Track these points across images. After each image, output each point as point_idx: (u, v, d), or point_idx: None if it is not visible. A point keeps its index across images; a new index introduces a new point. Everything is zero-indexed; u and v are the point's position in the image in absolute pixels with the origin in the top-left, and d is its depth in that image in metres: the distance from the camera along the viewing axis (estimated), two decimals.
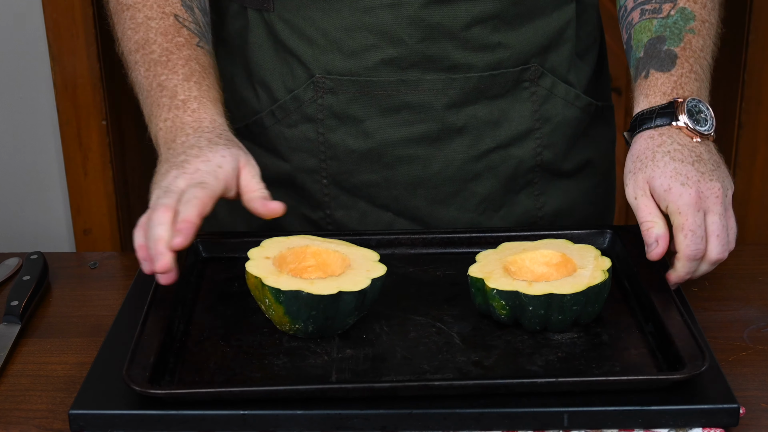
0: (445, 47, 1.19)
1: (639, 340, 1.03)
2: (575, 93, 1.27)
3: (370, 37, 1.18)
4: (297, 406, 0.92)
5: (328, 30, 1.19)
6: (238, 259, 1.14)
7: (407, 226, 1.29)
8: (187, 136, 1.10)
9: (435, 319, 1.06)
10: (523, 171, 1.28)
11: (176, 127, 1.12)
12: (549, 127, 1.26)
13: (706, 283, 1.20)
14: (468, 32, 1.19)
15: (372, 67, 1.20)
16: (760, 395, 1.00)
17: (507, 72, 1.22)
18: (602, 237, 1.20)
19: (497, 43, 1.20)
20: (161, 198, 1.04)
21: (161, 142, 1.13)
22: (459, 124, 1.23)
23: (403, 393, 0.93)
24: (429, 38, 1.18)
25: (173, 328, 1.05)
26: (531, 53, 1.22)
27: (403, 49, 1.19)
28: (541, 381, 0.94)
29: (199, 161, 1.07)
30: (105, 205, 2.09)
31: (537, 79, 1.24)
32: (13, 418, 0.98)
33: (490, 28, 1.19)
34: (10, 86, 2.01)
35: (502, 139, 1.25)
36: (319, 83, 1.22)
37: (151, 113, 1.16)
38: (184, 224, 1.01)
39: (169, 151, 1.10)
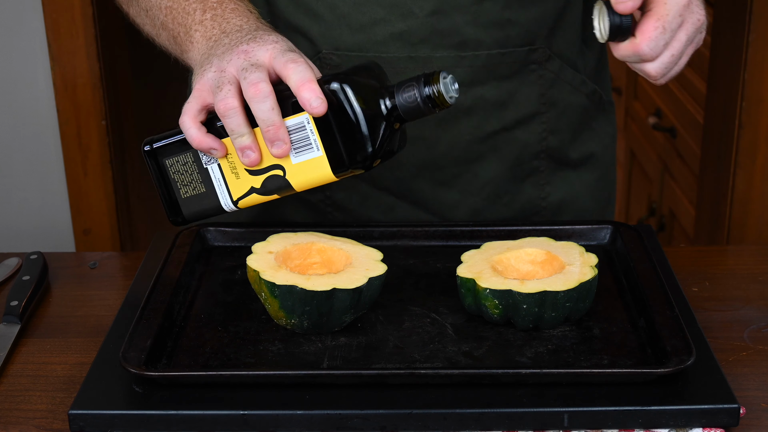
0: (456, 21, 1.18)
1: (631, 334, 1.03)
2: (581, 79, 1.27)
3: (380, 11, 1.17)
4: (297, 406, 0.93)
5: (336, 4, 1.18)
6: (244, 249, 1.17)
7: (409, 209, 1.29)
8: (241, 25, 1.05)
9: (430, 310, 1.07)
10: (528, 156, 1.28)
11: (223, 18, 1.07)
12: (555, 112, 1.27)
13: (706, 283, 1.20)
14: (480, 6, 1.18)
15: (381, 42, 1.18)
16: (760, 395, 1.00)
17: (515, 51, 1.22)
18: (602, 232, 1.21)
19: (507, 19, 1.20)
20: (247, 71, 0.97)
21: (201, 40, 1.07)
22: (466, 104, 1.23)
23: (390, 381, 0.95)
24: (440, 11, 1.17)
25: (173, 313, 1.06)
26: (538, 33, 1.22)
27: (413, 22, 1.18)
28: (525, 372, 0.95)
29: (273, 35, 1.01)
30: (105, 205, 2.09)
31: (544, 62, 1.24)
32: (13, 418, 0.98)
33: (502, 3, 1.19)
34: (11, 86, 2.01)
35: (508, 122, 1.25)
36: (326, 59, 1.21)
37: (177, 27, 1.11)
38: (311, 87, 0.96)
39: (223, 38, 1.03)
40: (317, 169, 1.00)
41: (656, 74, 1.00)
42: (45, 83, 2.01)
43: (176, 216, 1.07)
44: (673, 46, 0.99)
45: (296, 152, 1.00)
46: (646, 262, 1.12)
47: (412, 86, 0.99)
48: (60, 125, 2.03)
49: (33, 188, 2.08)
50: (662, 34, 0.97)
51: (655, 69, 1.00)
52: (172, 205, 1.06)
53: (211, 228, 1.22)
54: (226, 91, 0.97)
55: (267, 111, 0.97)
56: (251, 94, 0.96)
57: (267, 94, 0.96)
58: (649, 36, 0.97)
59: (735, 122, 1.92)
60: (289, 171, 1.01)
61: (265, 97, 0.96)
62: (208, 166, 1.03)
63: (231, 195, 1.04)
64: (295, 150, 1.00)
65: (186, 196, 1.05)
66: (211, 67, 1.00)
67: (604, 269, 1.15)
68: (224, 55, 1.00)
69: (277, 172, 1.01)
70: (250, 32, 1.02)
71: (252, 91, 0.96)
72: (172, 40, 1.12)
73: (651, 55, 0.98)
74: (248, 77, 0.97)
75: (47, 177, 2.08)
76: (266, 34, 1.01)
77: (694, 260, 1.27)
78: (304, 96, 0.96)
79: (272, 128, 0.97)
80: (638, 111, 2.69)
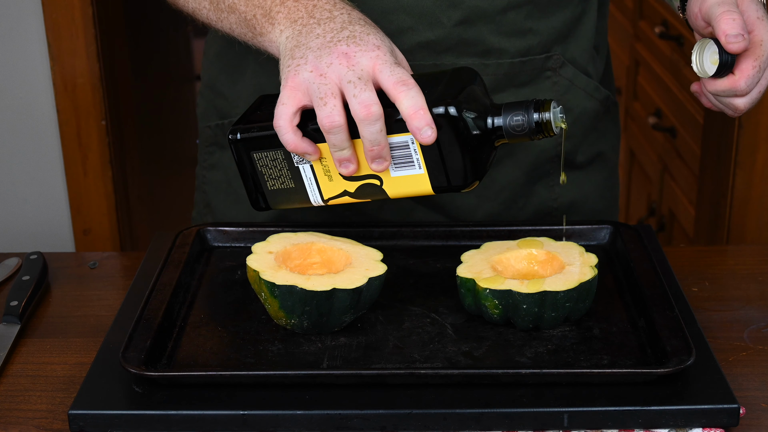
0: (481, 31, 1.19)
1: (631, 334, 1.03)
2: (595, 85, 1.28)
3: (408, 19, 1.18)
4: (297, 406, 0.93)
5: (365, 12, 1.18)
6: (244, 249, 1.17)
7: (427, 213, 1.29)
8: (331, 11, 1.02)
9: (430, 310, 1.07)
10: (543, 161, 1.29)
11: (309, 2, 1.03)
12: (570, 118, 1.27)
13: (706, 283, 1.20)
14: (504, 16, 1.19)
15: (407, 50, 1.18)
16: (760, 395, 1.00)
17: (534, 59, 1.23)
18: (602, 232, 1.21)
19: (528, 29, 1.21)
20: (356, 87, 0.95)
21: (285, 22, 1.03)
22: None
23: (390, 381, 0.95)
24: (466, 21, 1.18)
25: (173, 313, 1.06)
26: (555, 41, 1.24)
27: (440, 32, 1.18)
28: (525, 372, 0.95)
29: (373, 36, 0.99)
30: (105, 205, 2.09)
31: (558, 69, 1.24)
32: (13, 418, 0.98)
33: (525, 13, 1.20)
34: (10, 86, 2.01)
35: None
36: None
37: (252, 8, 1.07)
38: (424, 116, 0.95)
39: (314, 26, 1.00)
40: (416, 184, 1.01)
41: (744, 108, 1.09)
42: (45, 83, 2.01)
43: (259, 204, 1.07)
44: (762, 83, 1.08)
45: (396, 167, 1.00)
46: (646, 262, 1.12)
47: (520, 111, 0.98)
48: (60, 125, 2.03)
49: (33, 188, 2.08)
50: (758, 73, 1.06)
51: (744, 103, 1.08)
52: (255, 193, 1.06)
53: (211, 228, 1.22)
54: (331, 107, 0.96)
55: (376, 133, 0.96)
56: (362, 116, 0.96)
57: (378, 117, 0.96)
58: (748, 74, 1.06)
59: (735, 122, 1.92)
60: (387, 182, 1.01)
61: (375, 120, 0.96)
62: (300, 166, 1.03)
63: (322, 194, 1.04)
64: (396, 165, 1.00)
65: (273, 188, 1.05)
66: (307, 64, 0.98)
67: (604, 269, 1.15)
68: (321, 52, 0.98)
69: (373, 182, 1.02)
70: (345, 26, 1.00)
71: (363, 114, 0.96)
72: (243, 24, 1.10)
73: (746, 91, 1.07)
74: (358, 96, 0.96)
75: (47, 177, 2.08)
76: (365, 33, 1.00)
77: (694, 260, 1.27)
78: (415, 125, 0.95)
79: (377, 148, 0.97)
80: (638, 111, 2.68)
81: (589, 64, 1.28)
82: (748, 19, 1.07)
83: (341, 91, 0.97)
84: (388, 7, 1.18)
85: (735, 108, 1.09)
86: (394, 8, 1.18)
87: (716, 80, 1.07)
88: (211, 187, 1.36)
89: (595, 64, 1.30)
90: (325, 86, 0.97)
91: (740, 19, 1.04)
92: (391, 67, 0.97)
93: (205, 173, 1.36)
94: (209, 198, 1.37)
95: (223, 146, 1.33)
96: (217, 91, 1.32)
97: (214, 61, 1.32)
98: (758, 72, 1.06)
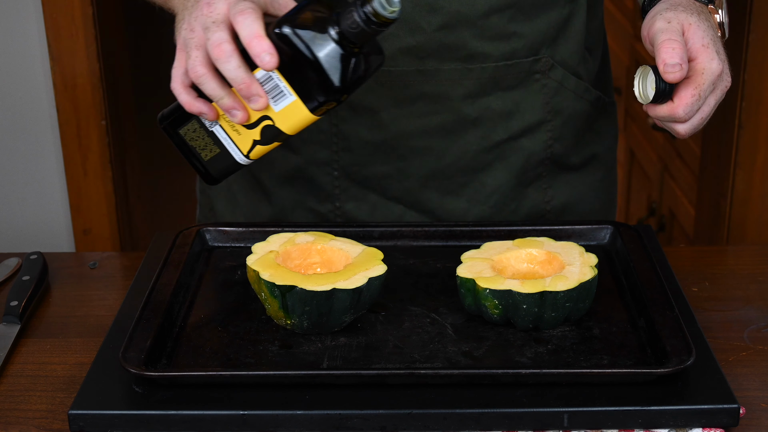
0: (463, 35, 1.19)
1: (631, 334, 1.03)
2: (585, 86, 1.28)
3: None
4: (297, 406, 0.93)
5: None
6: (244, 249, 1.17)
7: (417, 218, 1.29)
8: None
9: (430, 310, 1.07)
10: (534, 163, 1.29)
11: None
12: (560, 120, 1.27)
13: (706, 283, 1.20)
14: (486, 20, 1.19)
15: (390, 56, 1.19)
16: (760, 395, 1.00)
17: (520, 62, 1.23)
18: (602, 232, 1.21)
19: (512, 32, 1.20)
20: (210, 31, 0.97)
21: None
22: (473, 115, 1.23)
23: (390, 381, 0.95)
24: (447, 26, 1.18)
25: (173, 313, 1.06)
26: (542, 43, 1.23)
27: (422, 37, 1.18)
28: (525, 372, 0.95)
29: None
30: (105, 205, 2.09)
31: (548, 71, 1.24)
32: (13, 418, 0.98)
33: (508, 17, 1.20)
34: (10, 86, 2.01)
35: (514, 131, 1.26)
36: None
37: None
38: (259, 42, 0.96)
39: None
40: (297, 112, 1.01)
41: (685, 133, 1.09)
42: (45, 83, 2.00)
43: (208, 178, 1.09)
44: (704, 110, 1.07)
45: (274, 101, 1.01)
46: (646, 262, 1.12)
47: (351, 12, 0.98)
48: (60, 125, 2.03)
49: (33, 188, 2.08)
50: (697, 101, 1.06)
51: (684, 129, 1.08)
52: (202, 168, 1.08)
53: (211, 228, 1.22)
54: (194, 57, 0.98)
55: (234, 70, 0.97)
56: (215, 55, 0.97)
57: (230, 54, 0.97)
58: (686, 102, 1.05)
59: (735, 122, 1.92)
60: (276, 119, 1.02)
61: (228, 56, 0.96)
62: (213, 129, 1.05)
63: (240, 150, 1.05)
64: (273, 99, 1.00)
65: (207, 158, 1.07)
66: (184, 23, 1.01)
67: (604, 269, 1.15)
68: (193, 9, 1.00)
69: (267, 122, 1.02)
70: None
71: (216, 53, 0.97)
72: None
73: (684, 118, 1.06)
74: (211, 38, 0.97)
75: (47, 177, 2.08)
76: None
77: (694, 260, 1.27)
78: (253, 52, 0.96)
79: (244, 86, 0.98)
80: (638, 111, 2.68)
81: (580, 66, 1.27)
82: (692, 46, 1.06)
83: (204, 42, 0.98)
84: None
85: (677, 133, 1.09)
86: None
87: (656, 106, 1.07)
88: (213, 191, 1.36)
89: (587, 65, 1.29)
90: (191, 39, 0.99)
91: (680, 48, 1.04)
92: (237, 4, 0.97)
93: None
94: (213, 202, 1.37)
95: None
96: None
97: None
98: (698, 100, 1.05)
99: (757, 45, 1.89)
